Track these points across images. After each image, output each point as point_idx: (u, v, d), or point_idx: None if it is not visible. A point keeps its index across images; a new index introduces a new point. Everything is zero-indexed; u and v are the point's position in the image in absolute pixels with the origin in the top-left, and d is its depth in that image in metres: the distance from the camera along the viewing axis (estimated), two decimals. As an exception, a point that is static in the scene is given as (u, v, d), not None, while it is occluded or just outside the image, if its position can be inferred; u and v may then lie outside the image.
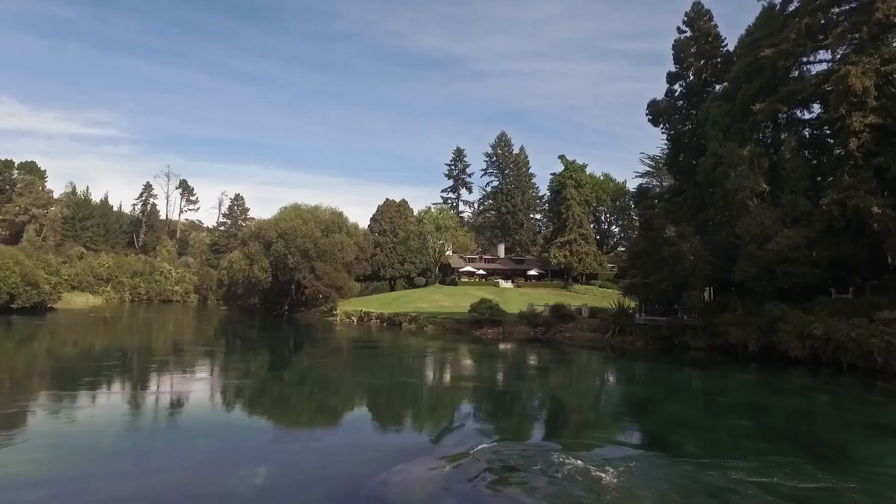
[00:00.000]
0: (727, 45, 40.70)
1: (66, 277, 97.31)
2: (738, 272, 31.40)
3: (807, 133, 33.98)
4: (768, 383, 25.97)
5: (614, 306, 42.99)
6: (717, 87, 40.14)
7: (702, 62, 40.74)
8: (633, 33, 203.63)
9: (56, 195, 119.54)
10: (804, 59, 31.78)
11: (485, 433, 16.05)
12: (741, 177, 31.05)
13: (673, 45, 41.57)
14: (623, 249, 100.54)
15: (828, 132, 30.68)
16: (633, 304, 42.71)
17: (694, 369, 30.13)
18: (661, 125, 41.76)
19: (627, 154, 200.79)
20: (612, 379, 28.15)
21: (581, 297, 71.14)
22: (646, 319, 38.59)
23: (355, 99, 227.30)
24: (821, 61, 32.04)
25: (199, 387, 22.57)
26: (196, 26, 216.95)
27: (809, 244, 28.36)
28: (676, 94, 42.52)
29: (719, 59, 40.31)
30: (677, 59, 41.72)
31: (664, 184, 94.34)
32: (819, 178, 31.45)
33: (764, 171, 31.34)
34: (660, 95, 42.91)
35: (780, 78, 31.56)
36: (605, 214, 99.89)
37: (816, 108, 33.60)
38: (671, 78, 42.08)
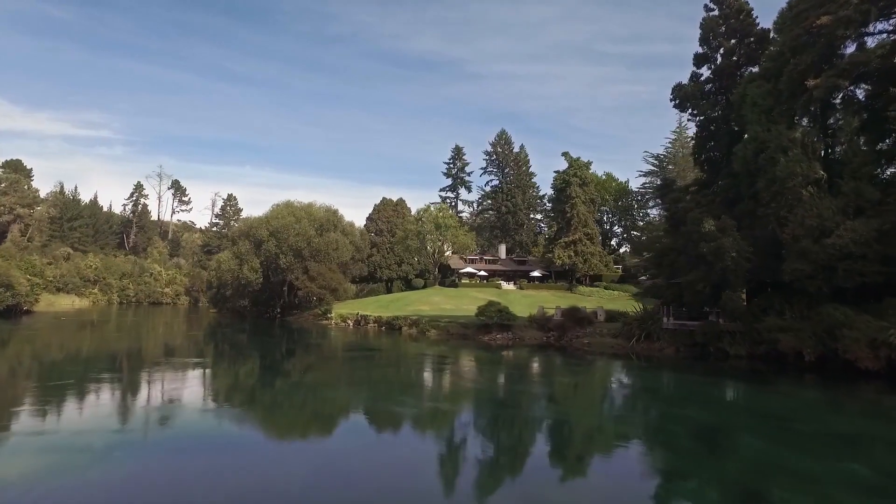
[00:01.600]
0: (759, 23, 36.49)
1: (50, 279, 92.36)
2: (787, 270, 27.03)
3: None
4: (843, 403, 21.57)
5: (637, 309, 38.59)
6: (751, 68, 35.90)
7: (732, 42, 36.44)
8: (629, 36, 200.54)
9: (43, 194, 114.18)
10: (862, 30, 27.47)
11: (537, 494, 11.57)
12: (793, 162, 26.70)
13: (700, 25, 37.25)
14: (626, 251, 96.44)
15: (893, 112, 26.35)
16: (648, 308, 38.49)
17: (743, 383, 25.68)
18: (689, 110, 37.36)
19: (624, 156, 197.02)
20: (657, 397, 23.37)
21: (587, 300, 66.93)
22: (674, 324, 34.16)
23: (351, 100, 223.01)
24: (881, 32, 27.78)
25: (155, 418, 17.85)
26: (191, 27, 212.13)
27: (880, 238, 24.04)
28: (703, 77, 38.19)
29: (752, 39, 36.02)
30: (704, 40, 37.40)
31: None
32: (883, 163, 27.23)
33: (818, 157, 27.04)
34: (654, 98, 39.40)
35: (835, 50, 27.28)
36: (608, 215, 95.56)
37: (867, 89, 29.51)
38: (698, 60, 37.73)
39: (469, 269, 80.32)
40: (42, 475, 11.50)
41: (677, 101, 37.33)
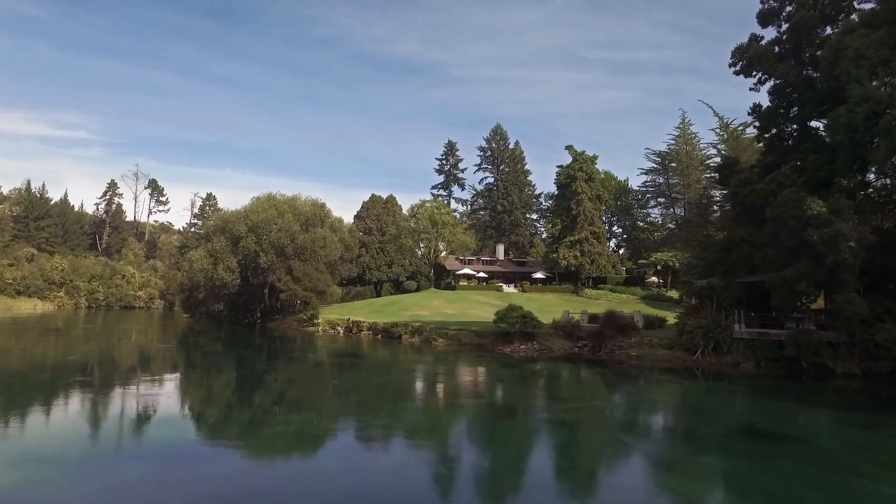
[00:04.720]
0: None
1: (9, 281, 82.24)
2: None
3: None
4: None
5: (695, 314, 31.02)
6: (829, 26, 28.84)
7: (808, -6, 29.30)
8: (610, 43, 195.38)
9: (6, 192, 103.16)
10: None
11: None
12: (942, 121, 19.41)
13: (767, -26, 30.16)
14: (625, 251, 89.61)
15: None
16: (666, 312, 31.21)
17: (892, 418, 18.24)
18: (757, 75, 29.96)
19: (613, 161, 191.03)
20: (803, 450, 14.74)
21: (595, 303, 59.87)
22: (750, 333, 26.64)
23: (334, 103, 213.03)
24: None
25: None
26: (171, 28, 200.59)
27: None
28: (765, 40, 31.03)
29: (832, -11, 28.95)
30: (771, -6, 30.28)
31: (672, 181, 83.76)
32: None
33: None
34: (636, 104, 32.91)
35: None
36: (607, 214, 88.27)
37: None
38: (763, 17, 30.52)
39: (466, 271, 72.31)
40: None
41: (742, 65, 30.00)
